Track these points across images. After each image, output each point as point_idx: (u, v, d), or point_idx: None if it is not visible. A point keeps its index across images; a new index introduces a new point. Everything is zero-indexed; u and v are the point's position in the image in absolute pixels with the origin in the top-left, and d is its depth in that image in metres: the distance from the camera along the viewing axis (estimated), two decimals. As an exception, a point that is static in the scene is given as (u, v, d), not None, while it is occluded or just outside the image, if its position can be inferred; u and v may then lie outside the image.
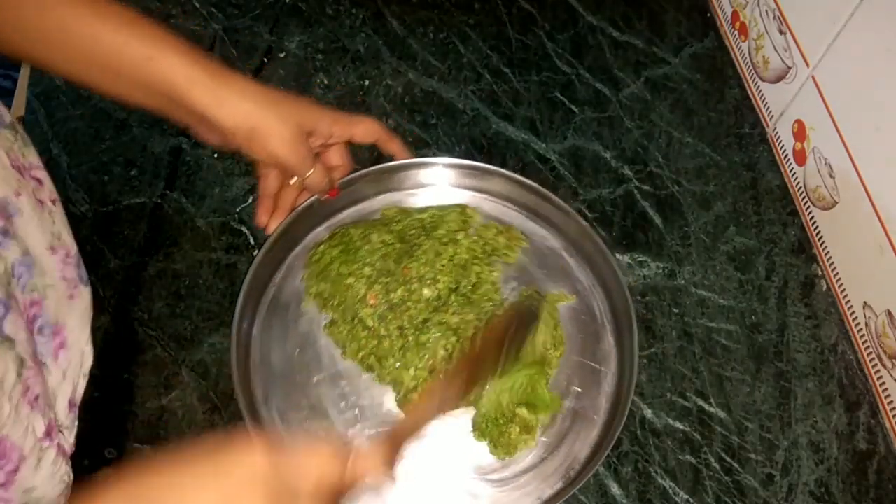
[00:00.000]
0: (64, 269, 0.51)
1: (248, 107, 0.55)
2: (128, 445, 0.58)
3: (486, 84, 0.80)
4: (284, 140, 0.57)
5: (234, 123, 0.55)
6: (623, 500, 0.59)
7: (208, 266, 0.67)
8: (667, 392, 0.64)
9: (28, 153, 0.51)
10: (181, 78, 0.53)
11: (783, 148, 0.76)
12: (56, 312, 0.50)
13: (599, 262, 0.66)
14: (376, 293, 0.63)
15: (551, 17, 0.85)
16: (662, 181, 0.75)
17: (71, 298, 0.52)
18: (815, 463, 0.61)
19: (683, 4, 0.87)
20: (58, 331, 0.50)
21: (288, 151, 0.57)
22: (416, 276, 0.64)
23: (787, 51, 0.73)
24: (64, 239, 0.52)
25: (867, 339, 0.65)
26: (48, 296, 0.49)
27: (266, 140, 0.56)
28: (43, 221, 0.50)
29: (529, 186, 0.68)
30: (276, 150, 0.57)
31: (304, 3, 0.84)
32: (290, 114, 0.57)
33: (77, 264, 0.54)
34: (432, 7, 0.85)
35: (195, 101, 0.53)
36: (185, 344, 0.63)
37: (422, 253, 0.65)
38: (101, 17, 0.51)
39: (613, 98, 0.80)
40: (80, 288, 0.54)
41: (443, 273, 0.64)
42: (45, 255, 0.49)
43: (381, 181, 0.70)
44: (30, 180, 0.50)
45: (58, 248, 0.51)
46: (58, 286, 0.50)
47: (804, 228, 0.73)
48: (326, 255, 0.65)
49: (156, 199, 0.70)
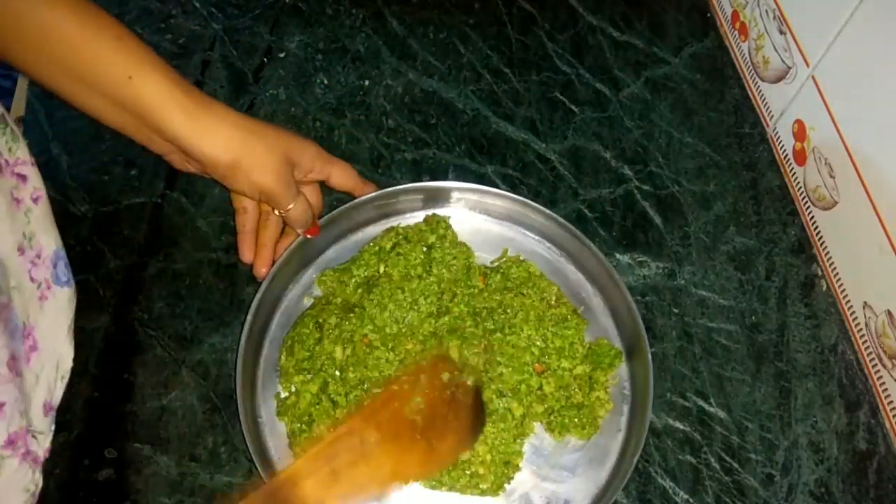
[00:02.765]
0: (32, 270, 0.50)
1: (231, 136, 0.52)
2: (128, 445, 0.58)
3: (486, 84, 0.80)
4: (269, 170, 0.54)
5: (215, 154, 0.52)
6: (623, 500, 0.59)
7: (208, 266, 0.67)
8: (667, 392, 0.64)
9: (16, 147, 0.50)
10: (159, 102, 0.50)
11: (783, 148, 0.76)
12: (25, 315, 0.49)
13: (595, 268, 0.66)
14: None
15: (551, 17, 0.85)
16: (662, 181, 0.75)
17: (42, 300, 0.51)
18: (815, 463, 0.61)
19: (683, 4, 0.87)
20: (27, 333, 0.49)
21: (273, 181, 0.55)
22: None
23: (787, 51, 0.73)
24: (37, 239, 0.51)
25: (867, 339, 0.65)
26: (13, 298, 0.48)
27: (251, 170, 0.54)
28: (15, 221, 0.48)
29: (509, 197, 0.67)
30: (260, 180, 0.54)
31: (304, 3, 0.84)
32: (276, 143, 0.55)
33: (53, 264, 0.52)
34: (432, 7, 0.85)
35: (174, 129, 0.51)
36: (185, 344, 0.63)
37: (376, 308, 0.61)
38: (84, 27, 0.49)
39: (613, 98, 0.80)
40: (55, 288, 0.52)
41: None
42: (11, 256, 0.48)
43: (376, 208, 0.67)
44: (10, 177, 0.49)
45: (27, 248, 0.50)
46: (24, 288, 0.49)
47: (804, 228, 0.73)
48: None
49: (156, 199, 0.70)
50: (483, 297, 0.63)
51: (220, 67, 0.77)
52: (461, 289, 0.63)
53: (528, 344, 0.61)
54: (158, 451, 0.58)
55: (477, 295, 0.63)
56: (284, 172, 0.56)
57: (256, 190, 0.56)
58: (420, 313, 0.61)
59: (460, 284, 0.63)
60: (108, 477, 0.57)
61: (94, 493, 0.56)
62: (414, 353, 0.60)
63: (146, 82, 0.50)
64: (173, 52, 0.78)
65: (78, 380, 0.58)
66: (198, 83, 0.77)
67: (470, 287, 0.63)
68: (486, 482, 0.57)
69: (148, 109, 0.50)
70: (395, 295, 0.61)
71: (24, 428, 0.46)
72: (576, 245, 0.66)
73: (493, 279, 0.64)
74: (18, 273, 0.48)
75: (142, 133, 0.53)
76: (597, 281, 0.66)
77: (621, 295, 0.62)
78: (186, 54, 0.78)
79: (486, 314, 0.62)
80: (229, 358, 0.63)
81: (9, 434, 0.44)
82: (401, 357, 0.60)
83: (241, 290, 0.66)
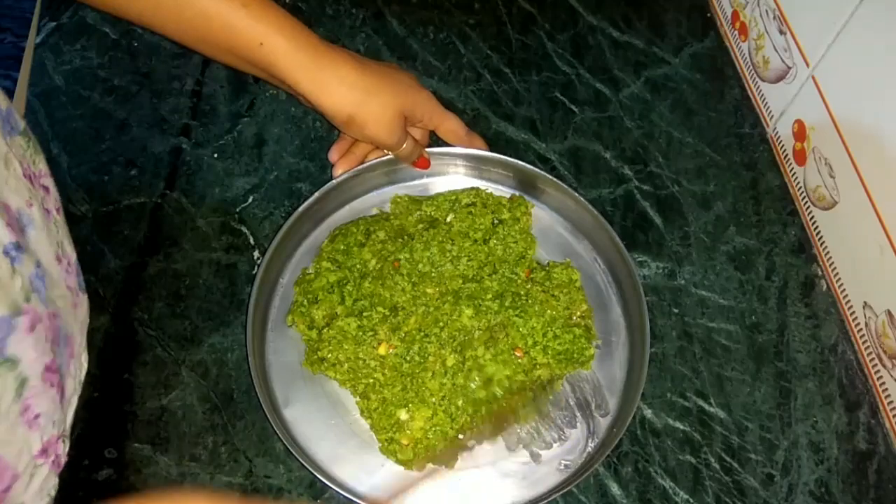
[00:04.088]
0: (67, 279, 0.51)
1: (349, 95, 0.59)
2: (128, 445, 0.58)
3: (486, 84, 0.80)
4: (382, 125, 0.61)
5: (335, 110, 0.59)
6: (623, 500, 0.59)
7: (208, 266, 0.67)
8: (667, 392, 0.64)
9: (38, 161, 0.51)
10: (286, 65, 0.57)
11: (783, 148, 0.76)
12: (66, 323, 0.50)
13: (601, 237, 0.68)
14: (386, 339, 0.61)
15: (551, 17, 0.85)
16: (662, 181, 0.75)
17: (75, 307, 0.52)
18: (815, 463, 0.61)
19: (683, 4, 0.87)
20: (69, 341, 0.50)
21: (385, 135, 0.62)
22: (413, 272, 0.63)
23: (787, 51, 0.73)
24: (65, 248, 0.52)
25: (867, 339, 0.65)
26: (60, 306, 0.48)
27: (363, 126, 0.61)
28: (50, 231, 0.49)
29: (521, 166, 0.69)
30: (372, 134, 0.62)
31: (304, 3, 0.84)
32: (391, 100, 0.61)
33: (77, 273, 0.53)
34: (432, 7, 0.85)
35: (300, 87, 0.58)
36: (185, 344, 0.63)
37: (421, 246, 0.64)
38: None
39: (613, 98, 0.80)
40: (80, 296, 0.53)
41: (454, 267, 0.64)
42: (53, 265, 0.49)
43: (390, 173, 0.71)
44: (39, 189, 0.50)
45: (62, 257, 0.51)
46: (66, 297, 0.50)
47: (804, 228, 0.73)
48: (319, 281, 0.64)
49: (156, 199, 0.70)
50: (517, 285, 0.64)
51: (220, 67, 0.77)
52: (504, 270, 0.65)
53: (526, 333, 0.62)
54: (158, 451, 0.58)
55: (514, 281, 0.64)
56: (397, 126, 0.62)
57: (368, 140, 0.64)
58: (456, 269, 0.64)
59: (506, 266, 0.65)
60: (108, 477, 0.57)
61: (94, 493, 0.56)
62: (429, 296, 0.63)
63: (275, 49, 0.57)
64: (173, 51, 0.78)
65: (78, 380, 0.58)
66: (198, 83, 0.77)
67: (513, 273, 0.65)
68: (404, 454, 0.58)
69: (278, 70, 0.58)
70: (445, 244, 0.65)
71: (55, 436, 0.47)
72: (632, 294, 0.65)
73: (538, 274, 0.65)
74: (60, 282, 0.49)
75: (263, 76, 0.61)
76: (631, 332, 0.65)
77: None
78: (186, 54, 0.78)
79: (512, 300, 0.63)
80: (229, 358, 0.63)
81: (43, 443, 0.45)
82: (417, 295, 0.63)
83: (241, 290, 0.66)
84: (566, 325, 0.62)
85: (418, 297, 0.63)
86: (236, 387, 0.61)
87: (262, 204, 0.70)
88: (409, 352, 0.60)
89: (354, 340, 0.60)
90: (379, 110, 0.60)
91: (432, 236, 0.65)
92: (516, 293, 0.63)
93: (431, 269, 0.64)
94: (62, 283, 0.50)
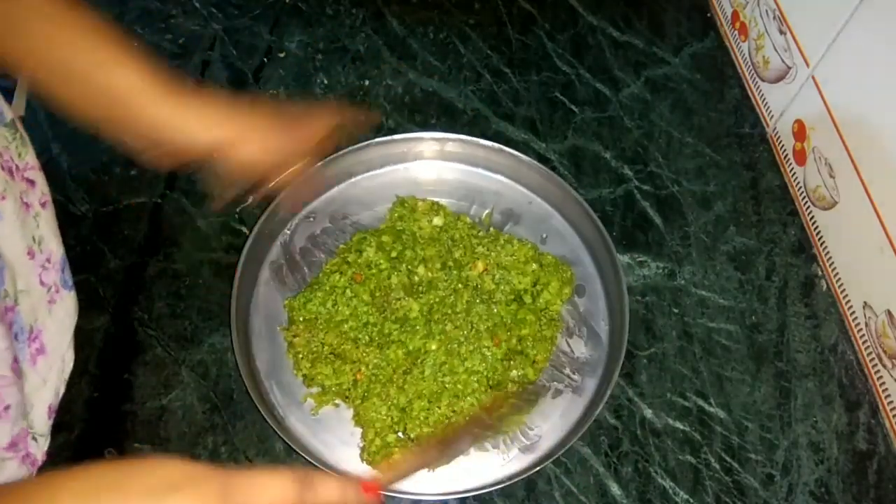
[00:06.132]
0: (42, 274, 0.50)
1: (219, 118, 0.51)
2: (128, 445, 0.58)
3: (486, 84, 0.80)
4: (269, 143, 0.54)
5: (208, 139, 0.51)
6: (623, 500, 0.59)
7: (208, 266, 0.67)
8: (667, 392, 0.64)
9: (25, 153, 0.50)
10: (137, 90, 0.48)
11: (783, 148, 0.76)
12: (32, 318, 0.49)
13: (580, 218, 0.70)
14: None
15: (551, 17, 0.85)
16: (662, 181, 0.75)
17: (51, 303, 0.51)
18: (815, 463, 0.61)
19: (683, 4, 0.87)
20: (35, 336, 0.49)
21: (273, 154, 0.54)
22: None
23: (787, 51, 0.73)
24: (47, 243, 0.51)
25: (867, 339, 0.65)
26: (21, 301, 0.48)
27: (243, 147, 0.53)
28: (25, 225, 0.48)
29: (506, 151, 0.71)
30: (254, 157, 0.53)
31: (304, 3, 0.84)
32: (262, 118, 0.54)
33: (61, 269, 0.53)
34: (432, 7, 0.85)
35: (152, 115, 0.49)
36: (185, 344, 0.63)
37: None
38: (60, 16, 0.46)
39: (613, 98, 0.80)
40: (63, 292, 0.53)
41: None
42: (21, 259, 0.48)
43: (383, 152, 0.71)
44: (20, 182, 0.49)
45: (37, 252, 0.50)
46: (34, 291, 0.49)
47: (804, 228, 0.73)
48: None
49: (156, 199, 0.70)
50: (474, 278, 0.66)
51: (220, 67, 0.77)
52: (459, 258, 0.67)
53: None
54: (158, 451, 0.58)
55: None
56: (282, 142, 0.55)
57: (250, 166, 0.54)
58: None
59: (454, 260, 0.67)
60: (108, 477, 0.57)
61: (94, 493, 0.56)
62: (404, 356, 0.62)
63: (123, 71, 0.48)
64: (173, 52, 0.78)
65: (78, 380, 0.58)
66: (198, 83, 0.77)
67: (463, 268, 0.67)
68: (365, 452, 0.59)
69: (125, 97, 0.48)
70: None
71: (26, 430, 0.46)
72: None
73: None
74: (28, 276, 0.49)
75: (116, 124, 0.51)
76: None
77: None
78: (186, 54, 0.78)
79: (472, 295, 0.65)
80: (229, 358, 0.63)
81: (12, 436, 0.45)
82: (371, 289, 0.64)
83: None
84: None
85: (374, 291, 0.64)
86: (236, 387, 0.61)
87: (262, 204, 0.70)
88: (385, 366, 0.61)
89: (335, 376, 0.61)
90: (261, 130, 0.53)
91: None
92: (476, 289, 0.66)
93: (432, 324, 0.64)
94: (32, 278, 0.49)
